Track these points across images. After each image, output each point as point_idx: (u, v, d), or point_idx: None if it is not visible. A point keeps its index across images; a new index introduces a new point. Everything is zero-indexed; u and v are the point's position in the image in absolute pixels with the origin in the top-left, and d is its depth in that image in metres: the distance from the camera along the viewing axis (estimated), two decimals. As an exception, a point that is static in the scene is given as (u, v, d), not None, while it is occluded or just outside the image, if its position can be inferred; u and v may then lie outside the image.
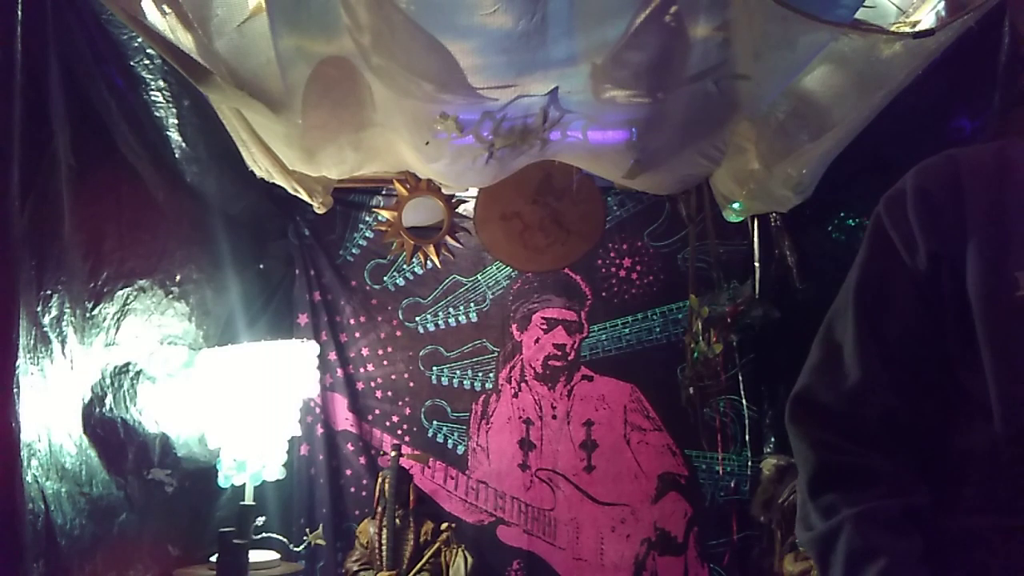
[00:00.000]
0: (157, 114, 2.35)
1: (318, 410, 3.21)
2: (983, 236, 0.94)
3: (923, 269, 0.97)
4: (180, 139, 2.45)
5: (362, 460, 3.22)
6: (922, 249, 0.97)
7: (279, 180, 2.60)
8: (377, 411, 3.28)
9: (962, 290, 0.94)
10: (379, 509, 2.98)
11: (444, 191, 3.30)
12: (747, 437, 3.25)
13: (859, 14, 1.91)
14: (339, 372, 3.27)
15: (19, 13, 1.75)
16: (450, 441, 3.28)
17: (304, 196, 2.79)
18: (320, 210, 2.96)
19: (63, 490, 1.96)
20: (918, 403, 0.98)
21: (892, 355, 0.99)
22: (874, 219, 1.04)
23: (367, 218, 3.36)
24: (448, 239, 3.34)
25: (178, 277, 2.56)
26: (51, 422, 1.93)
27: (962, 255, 0.94)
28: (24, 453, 1.78)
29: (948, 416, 0.98)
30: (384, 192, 3.35)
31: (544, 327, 3.34)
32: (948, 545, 0.93)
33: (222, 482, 2.53)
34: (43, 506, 1.86)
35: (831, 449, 1.00)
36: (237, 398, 2.51)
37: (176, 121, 2.39)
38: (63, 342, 1.97)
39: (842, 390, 1.00)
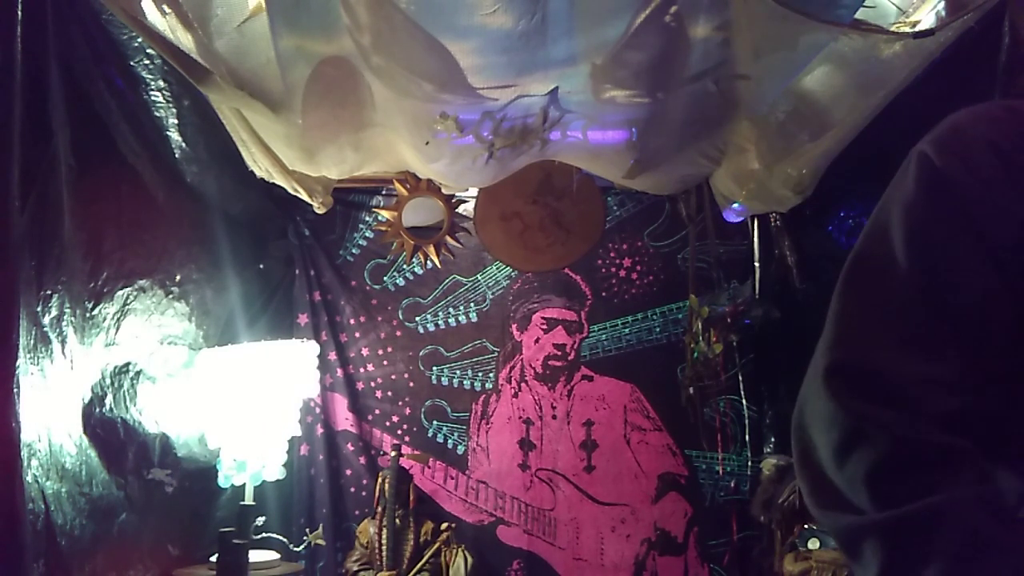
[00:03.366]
0: (157, 114, 2.36)
1: (318, 410, 3.20)
2: None
3: (1007, 239, 0.78)
4: (180, 139, 2.45)
5: (362, 460, 3.22)
6: (1010, 214, 0.78)
7: (279, 180, 2.60)
8: (377, 411, 3.28)
9: None
10: (379, 509, 2.98)
11: (444, 191, 3.29)
12: (747, 437, 3.25)
13: (859, 14, 1.91)
14: (339, 372, 3.27)
15: (19, 13, 1.75)
16: (450, 441, 3.27)
17: (304, 196, 2.79)
18: (320, 210, 2.96)
19: (63, 490, 1.96)
20: (1002, 398, 0.79)
21: (968, 337, 0.79)
22: (923, 170, 0.83)
23: (367, 218, 3.36)
24: (448, 239, 3.34)
25: (178, 277, 2.56)
26: (51, 422, 1.93)
27: None
28: (24, 453, 1.78)
29: None
30: (384, 192, 3.35)
31: (544, 327, 3.34)
32: None
33: (222, 482, 2.53)
34: (43, 506, 1.86)
35: (907, 427, 0.78)
36: (237, 398, 2.51)
37: (176, 121, 2.40)
38: (63, 342, 1.97)
39: (912, 371, 0.80)
